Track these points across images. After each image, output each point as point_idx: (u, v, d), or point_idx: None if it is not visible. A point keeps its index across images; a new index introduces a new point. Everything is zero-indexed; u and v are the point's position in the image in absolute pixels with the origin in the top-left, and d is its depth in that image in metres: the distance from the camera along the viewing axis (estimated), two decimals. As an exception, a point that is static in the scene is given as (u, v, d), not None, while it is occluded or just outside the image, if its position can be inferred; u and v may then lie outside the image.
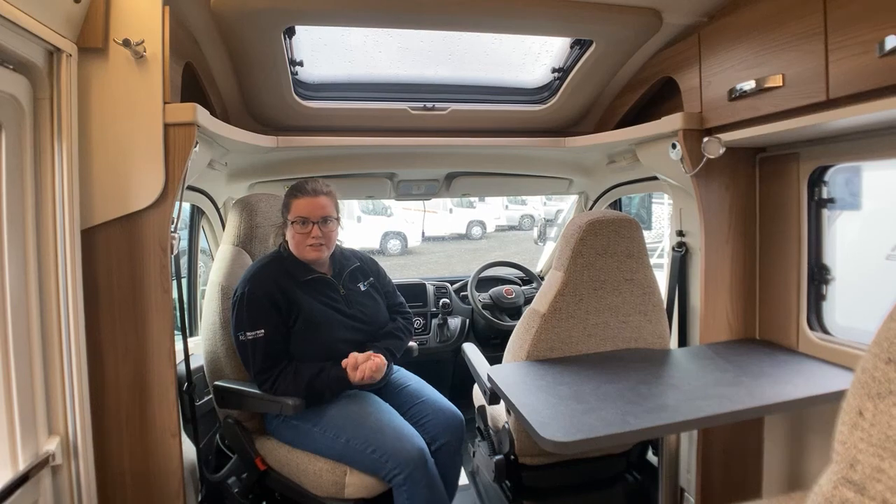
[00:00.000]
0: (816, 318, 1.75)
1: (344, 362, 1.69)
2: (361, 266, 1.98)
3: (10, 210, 1.22)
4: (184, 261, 2.37)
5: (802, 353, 1.73)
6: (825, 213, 1.73)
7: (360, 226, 12.13)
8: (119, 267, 1.47)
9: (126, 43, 1.38)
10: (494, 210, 15.18)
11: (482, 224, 14.63)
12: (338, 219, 1.84)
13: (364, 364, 1.67)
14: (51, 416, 1.32)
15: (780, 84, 1.45)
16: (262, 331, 1.68)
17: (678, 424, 1.32)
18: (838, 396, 1.41)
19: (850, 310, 1.71)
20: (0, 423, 1.21)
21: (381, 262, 2.11)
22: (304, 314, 1.73)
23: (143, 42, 1.41)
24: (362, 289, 1.92)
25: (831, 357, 1.63)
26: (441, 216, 13.89)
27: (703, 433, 1.82)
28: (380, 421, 1.65)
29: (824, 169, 1.71)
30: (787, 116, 1.45)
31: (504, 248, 12.22)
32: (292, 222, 1.77)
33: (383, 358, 1.73)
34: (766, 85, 1.48)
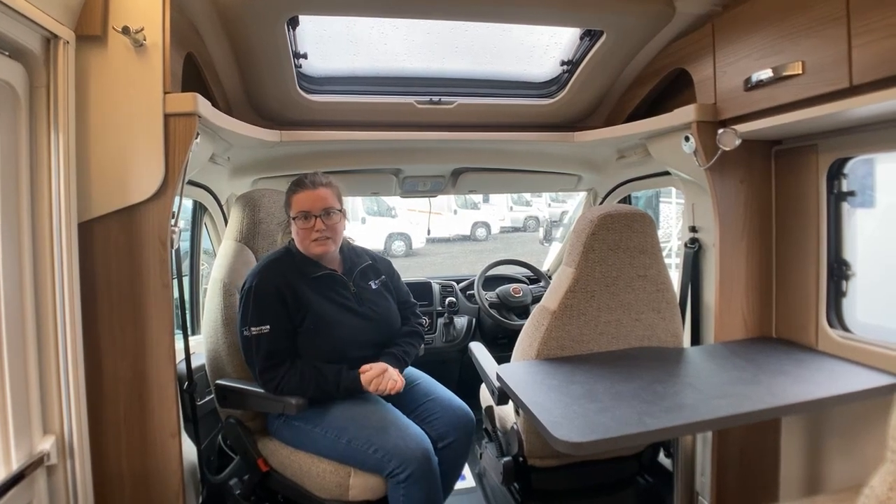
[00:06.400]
0: (836, 316, 1.69)
1: (364, 377, 1.67)
2: (373, 264, 1.93)
3: (5, 202, 1.18)
4: (188, 262, 2.34)
5: (822, 351, 1.67)
6: (845, 206, 1.68)
7: (364, 227, 12.10)
8: (117, 261, 1.44)
9: (125, 30, 1.35)
10: (499, 211, 15.13)
11: (487, 225, 14.58)
12: (342, 211, 1.79)
13: (380, 379, 1.66)
14: (46, 414, 1.28)
15: (800, 72, 1.40)
16: (268, 327, 1.64)
17: (698, 424, 1.27)
18: (863, 395, 1.37)
19: (873, 307, 1.65)
20: (-7, 422, 1.17)
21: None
22: (314, 313, 1.69)
23: (142, 30, 1.37)
24: (373, 287, 1.87)
25: (853, 355, 1.57)
26: (445, 217, 13.84)
27: (719, 434, 1.77)
28: (383, 420, 1.61)
29: (843, 161, 1.65)
30: (808, 105, 1.40)
31: (509, 250, 12.14)
32: (294, 218, 1.73)
33: (402, 380, 1.71)
34: (786, 73, 1.43)
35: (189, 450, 1.66)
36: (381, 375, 1.66)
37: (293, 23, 1.74)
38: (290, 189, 1.77)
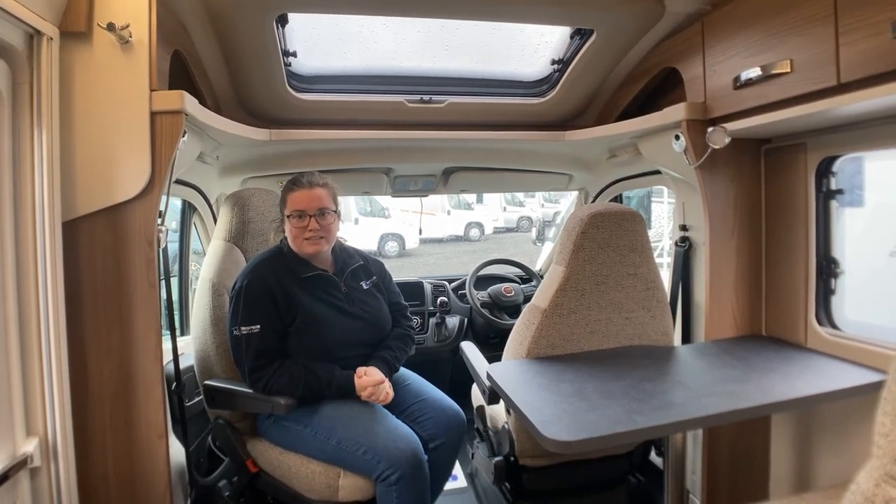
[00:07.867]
0: (825, 313, 1.70)
1: (359, 383, 1.67)
2: (365, 265, 1.92)
3: (-13, 200, 1.17)
4: (178, 262, 2.32)
5: (811, 348, 1.68)
6: (833, 204, 1.68)
7: (357, 228, 12.06)
8: (103, 261, 1.42)
9: (111, 27, 1.33)
10: (492, 212, 15.14)
11: (480, 226, 14.58)
12: (337, 212, 1.78)
13: (374, 389, 1.67)
14: (29, 416, 1.26)
15: (789, 70, 1.41)
16: (258, 327, 1.63)
17: (688, 422, 1.27)
18: (851, 392, 1.38)
19: (861, 304, 1.66)
20: (-25, 424, 1.15)
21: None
22: (304, 312, 1.68)
23: (128, 26, 1.35)
24: (364, 287, 1.87)
25: (841, 353, 1.58)
26: (439, 218, 13.83)
27: (709, 432, 1.77)
28: (372, 421, 1.60)
29: (832, 159, 1.66)
30: (796, 103, 1.40)
31: (502, 250, 12.15)
32: (288, 216, 1.73)
33: (392, 391, 1.73)
34: (774, 71, 1.44)
35: (177, 451, 1.65)
36: (376, 386, 1.67)
37: (282, 20, 1.73)
38: (287, 187, 1.76)
